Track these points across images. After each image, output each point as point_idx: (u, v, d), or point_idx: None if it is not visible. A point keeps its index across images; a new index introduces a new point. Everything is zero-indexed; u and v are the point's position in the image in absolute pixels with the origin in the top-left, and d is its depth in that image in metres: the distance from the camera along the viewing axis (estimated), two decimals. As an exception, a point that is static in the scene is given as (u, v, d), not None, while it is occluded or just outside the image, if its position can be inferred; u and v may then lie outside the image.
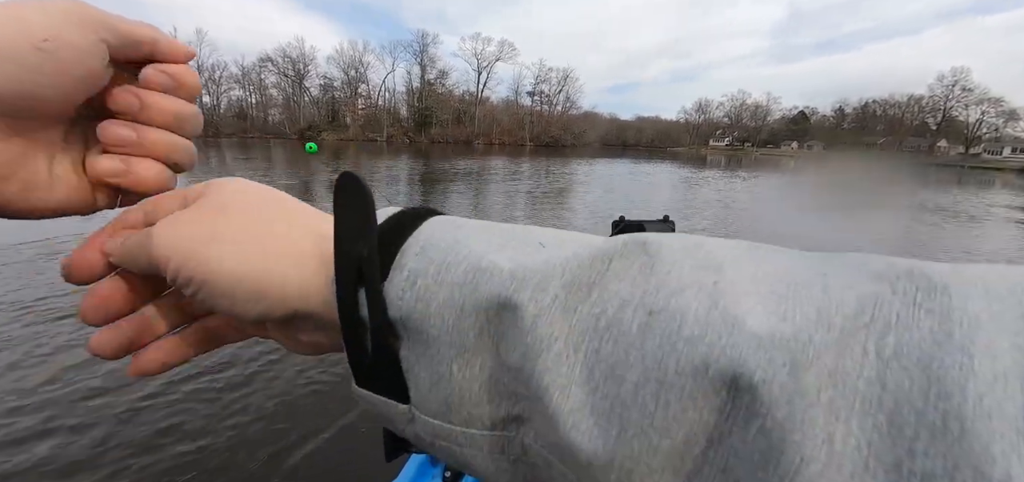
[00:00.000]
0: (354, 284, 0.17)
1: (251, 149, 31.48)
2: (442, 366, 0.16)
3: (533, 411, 0.15)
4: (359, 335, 0.17)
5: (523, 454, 0.16)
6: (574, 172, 18.69)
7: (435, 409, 0.17)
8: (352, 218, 0.17)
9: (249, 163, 18.21)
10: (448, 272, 0.16)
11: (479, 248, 0.16)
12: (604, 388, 0.13)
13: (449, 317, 0.16)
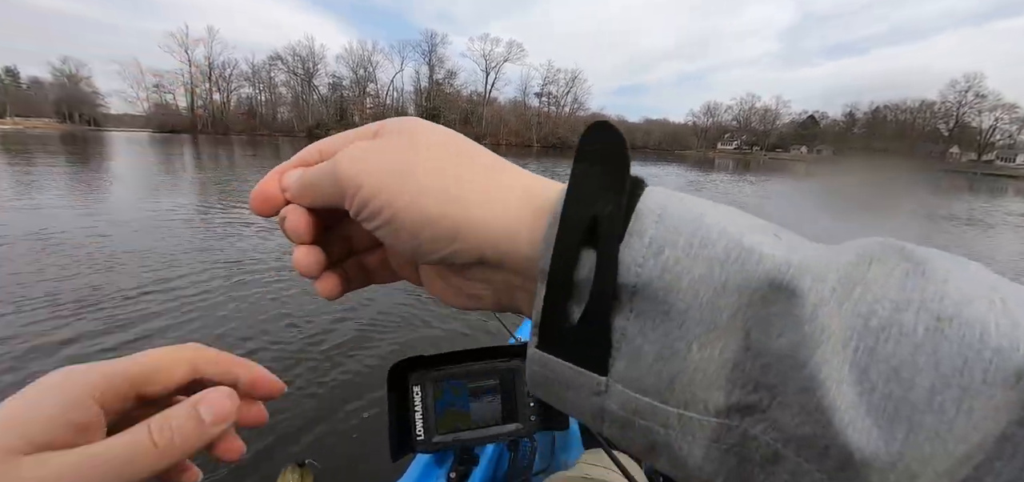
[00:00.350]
0: (577, 243, 0.16)
1: (260, 146, 31.76)
2: (680, 342, 0.15)
3: (780, 402, 0.14)
4: (564, 296, 0.17)
5: (741, 444, 0.15)
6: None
7: (648, 385, 0.16)
8: (596, 172, 0.17)
9: (257, 160, 18.36)
10: (705, 247, 0.15)
11: (730, 227, 0.16)
12: (884, 389, 0.13)
13: (704, 293, 0.15)
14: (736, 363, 0.15)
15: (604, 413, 0.17)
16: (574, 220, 0.16)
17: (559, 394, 0.18)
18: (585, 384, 0.17)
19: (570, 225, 0.16)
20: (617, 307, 0.16)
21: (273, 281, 3.95)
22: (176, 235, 5.30)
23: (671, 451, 0.16)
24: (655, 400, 0.16)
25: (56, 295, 3.35)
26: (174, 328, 3.02)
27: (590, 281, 0.16)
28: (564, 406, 0.19)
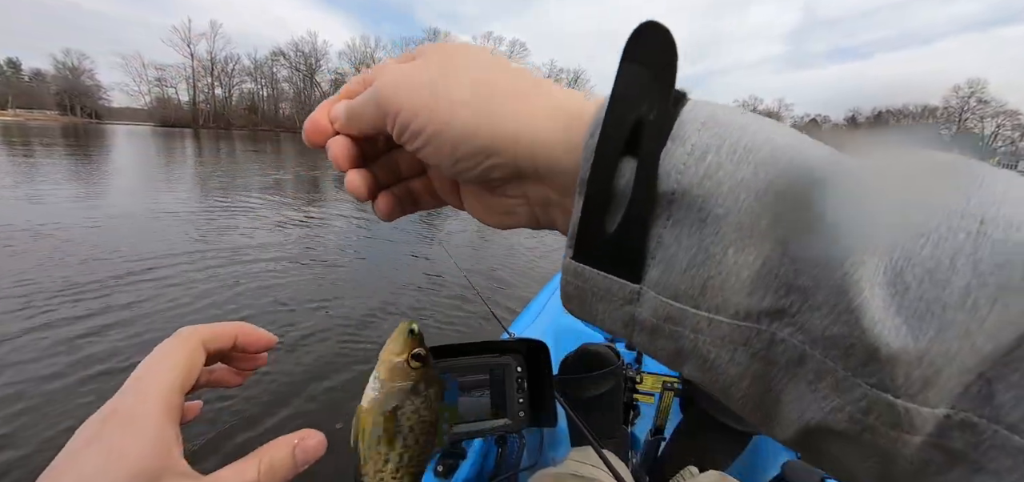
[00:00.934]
0: (618, 151, 0.16)
1: (261, 141, 31.76)
2: (716, 247, 0.15)
3: (812, 304, 0.14)
4: (602, 205, 0.17)
5: (768, 347, 0.15)
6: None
7: (681, 291, 0.16)
8: (642, 75, 0.16)
9: (259, 155, 18.36)
10: (749, 152, 0.15)
11: (776, 136, 0.16)
12: (918, 290, 0.13)
13: (744, 197, 0.15)
14: (770, 268, 0.15)
15: (635, 321, 0.18)
16: (616, 125, 0.16)
17: (591, 306, 0.19)
18: (618, 293, 0.18)
19: (612, 131, 0.16)
20: (655, 215, 0.16)
21: (262, 280, 3.96)
22: (170, 230, 5.31)
23: (698, 356, 0.17)
24: (686, 305, 0.16)
25: (39, 283, 3.36)
26: (161, 312, 3.03)
27: (629, 189, 0.16)
28: (594, 318, 0.19)
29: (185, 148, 21.07)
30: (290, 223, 6.07)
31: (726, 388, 0.17)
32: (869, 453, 0.14)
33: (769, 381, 0.16)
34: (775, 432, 0.17)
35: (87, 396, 2.19)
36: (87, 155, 14.04)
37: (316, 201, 8.09)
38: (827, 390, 0.14)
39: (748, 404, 0.17)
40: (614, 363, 1.01)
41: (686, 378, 1.00)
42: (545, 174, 0.19)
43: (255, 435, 2.04)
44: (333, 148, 0.23)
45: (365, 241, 5.42)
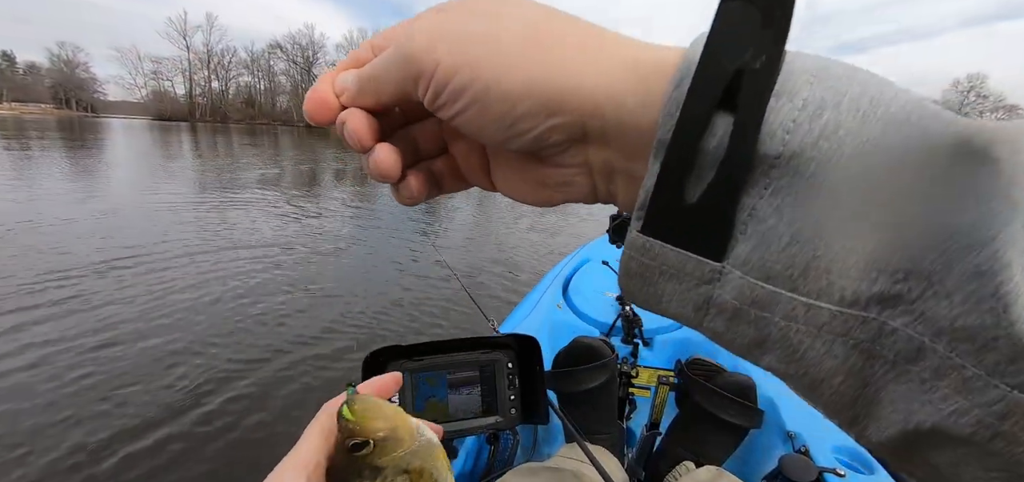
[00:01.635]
0: (711, 104, 0.14)
1: (258, 135, 31.61)
2: (829, 221, 0.13)
3: (940, 289, 0.12)
4: (684, 169, 0.14)
5: (874, 339, 0.13)
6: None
7: (777, 272, 0.14)
8: (747, 13, 0.14)
9: (256, 149, 18.28)
10: (876, 106, 0.13)
11: (898, 94, 0.13)
12: None
13: (872, 161, 0.13)
14: (894, 246, 0.13)
15: (710, 304, 0.15)
16: (712, 74, 0.14)
17: (656, 287, 0.16)
18: (693, 272, 0.15)
19: (705, 80, 0.14)
20: (751, 181, 0.14)
21: (241, 272, 3.94)
22: (165, 223, 5.28)
23: (786, 346, 0.14)
24: (781, 288, 0.14)
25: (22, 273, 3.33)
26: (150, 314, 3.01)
27: (721, 151, 0.14)
28: (658, 301, 0.17)
29: (181, 142, 20.96)
30: (280, 218, 6.05)
31: (813, 385, 0.15)
32: (994, 464, 0.12)
33: (868, 378, 0.14)
34: (867, 434, 0.14)
35: (76, 384, 2.18)
36: (84, 148, 13.95)
37: (306, 196, 8.05)
38: (949, 391, 0.12)
39: (837, 403, 0.15)
40: (607, 356, 0.99)
41: (680, 371, 0.96)
42: (613, 135, 0.17)
43: (240, 436, 2.03)
44: (351, 122, 0.20)
45: (357, 236, 5.39)
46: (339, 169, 12.61)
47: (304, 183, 9.53)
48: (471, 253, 4.89)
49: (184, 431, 1.98)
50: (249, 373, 2.40)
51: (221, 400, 2.18)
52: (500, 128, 0.17)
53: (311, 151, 18.71)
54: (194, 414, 2.08)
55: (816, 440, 0.98)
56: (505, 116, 0.17)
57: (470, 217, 6.91)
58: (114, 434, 1.92)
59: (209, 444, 1.92)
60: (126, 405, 2.10)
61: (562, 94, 0.16)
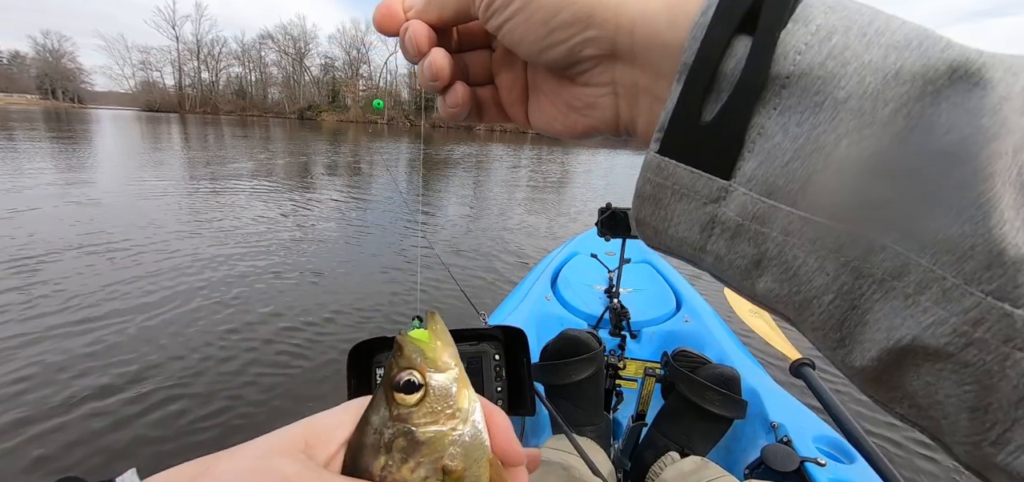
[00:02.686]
0: (730, 28, 0.15)
1: (250, 127, 31.21)
2: (829, 136, 0.14)
3: (929, 204, 0.13)
4: (702, 90, 0.15)
5: (864, 257, 0.14)
6: (576, 162, 18.57)
7: (778, 186, 0.15)
8: None
9: (248, 141, 18.06)
10: (881, 34, 0.14)
11: (904, 24, 0.14)
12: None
13: (871, 80, 0.14)
14: (886, 162, 0.13)
15: (715, 222, 0.16)
16: (734, 1, 0.15)
17: (666, 209, 0.17)
18: (701, 190, 0.16)
19: (728, 6, 0.15)
20: (762, 100, 0.15)
21: (223, 264, 3.91)
22: (154, 212, 5.21)
23: (782, 263, 0.15)
24: (781, 202, 0.15)
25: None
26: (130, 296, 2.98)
27: (738, 73, 0.15)
28: (668, 225, 0.18)
29: (171, 133, 20.65)
30: (268, 210, 5.99)
31: (804, 304, 0.15)
32: (968, 377, 0.13)
33: (857, 297, 0.14)
34: (851, 358, 0.15)
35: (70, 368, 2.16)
36: (71, 139, 13.70)
37: (297, 189, 7.98)
38: (929, 303, 0.13)
39: (826, 324, 0.15)
40: (594, 349, 1.00)
41: (666, 363, 0.97)
42: (642, 52, 0.18)
43: (226, 424, 2.02)
44: (413, 28, 0.22)
45: (347, 230, 5.36)
46: (331, 162, 12.52)
47: (295, 176, 9.45)
48: (462, 246, 4.88)
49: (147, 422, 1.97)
50: (226, 368, 2.40)
51: (190, 403, 2.17)
52: (540, 36, 0.19)
53: (303, 143, 18.54)
54: (153, 409, 2.07)
55: (798, 431, 1.00)
56: (545, 23, 0.18)
57: (461, 212, 6.90)
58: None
59: (172, 439, 1.91)
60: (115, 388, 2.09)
61: (597, 8, 0.18)
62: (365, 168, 11.85)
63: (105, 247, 4.00)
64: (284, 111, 62.39)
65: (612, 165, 19.18)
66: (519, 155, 20.09)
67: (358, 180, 9.13)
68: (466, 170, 12.90)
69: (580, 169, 15.80)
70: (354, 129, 40.53)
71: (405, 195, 7.93)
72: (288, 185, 8.12)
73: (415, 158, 15.55)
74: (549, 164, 16.33)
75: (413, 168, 12.76)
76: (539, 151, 23.95)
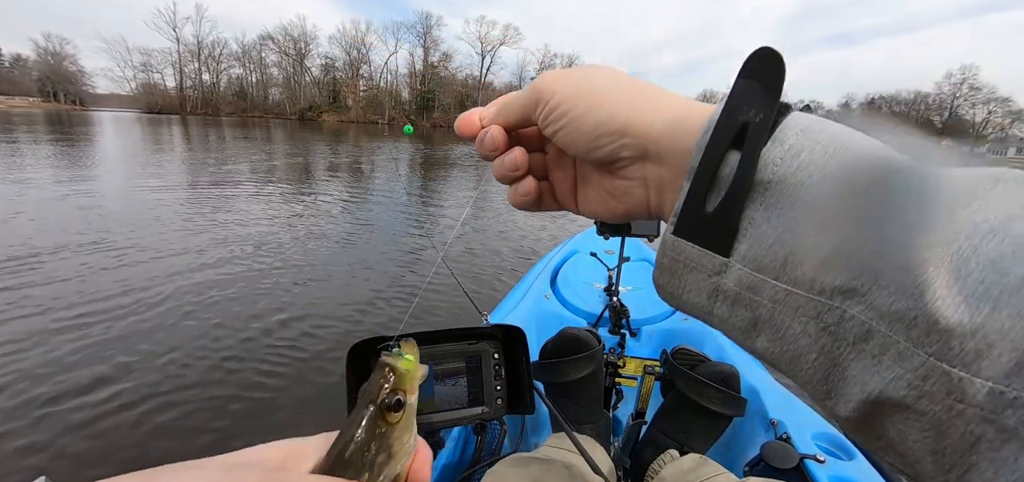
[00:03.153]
0: (726, 144, 0.19)
1: (251, 128, 31.24)
2: (800, 227, 0.18)
3: (881, 283, 0.16)
4: (705, 188, 0.20)
5: (838, 323, 0.17)
6: (575, 160, 18.51)
7: (765, 263, 0.19)
8: (753, 87, 0.20)
9: (249, 143, 18.08)
10: (838, 151, 0.18)
11: (867, 141, 0.18)
12: (979, 275, 0.14)
13: (829, 187, 0.17)
14: (846, 249, 0.17)
15: (719, 291, 0.20)
16: (727, 124, 0.19)
17: (681, 277, 0.22)
18: (707, 265, 0.20)
19: (723, 127, 0.19)
20: (751, 198, 0.19)
21: (226, 264, 3.92)
22: (157, 215, 5.22)
23: (773, 325, 0.19)
24: (768, 277, 0.19)
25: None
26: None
27: (731, 176, 0.19)
28: (682, 288, 0.22)
29: (172, 135, 20.68)
30: (274, 212, 6.00)
31: (795, 359, 0.19)
32: (925, 424, 0.15)
33: (836, 356, 0.17)
34: (837, 408, 0.18)
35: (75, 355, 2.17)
36: (72, 141, 13.73)
37: (303, 191, 7.99)
38: (890, 362, 0.16)
39: (815, 377, 0.18)
40: (594, 347, 1.00)
41: (665, 361, 0.97)
42: (665, 156, 0.23)
43: (237, 428, 2.03)
44: (491, 132, 0.28)
45: (351, 230, 5.37)
46: (332, 162, 12.53)
47: (296, 177, 9.46)
48: (465, 246, 4.89)
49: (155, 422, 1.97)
50: (226, 369, 2.41)
51: (190, 403, 2.18)
52: (588, 141, 0.24)
53: (304, 143, 18.54)
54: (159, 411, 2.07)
55: (797, 428, 1.00)
56: (593, 131, 0.24)
57: (463, 212, 6.89)
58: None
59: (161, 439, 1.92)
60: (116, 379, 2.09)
61: (632, 123, 0.23)
62: (366, 168, 11.86)
63: (97, 247, 4.01)
64: (285, 112, 62.46)
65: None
66: (520, 154, 20.02)
67: (359, 183, 9.13)
68: (465, 170, 12.90)
69: (581, 168, 15.73)
70: (355, 129, 40.56)
71: (406, 195, 7.93)
72: (289, 186, 8.13)
73: (415, 158, 15.54)
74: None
75: (413, 168, 12.77)
76: (540, 150, 23.87)
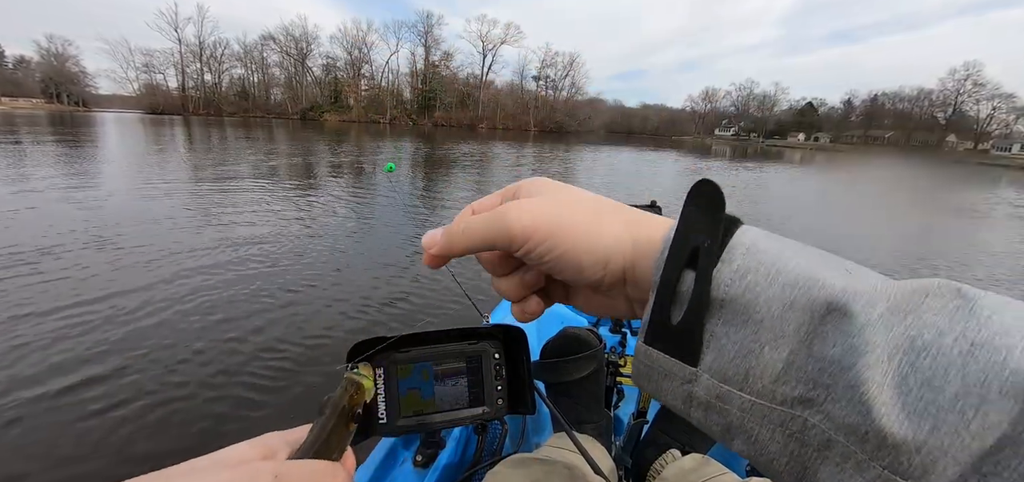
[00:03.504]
0: (681, 265, 0.21)
1: (253, 128, 31.31)
2: (755, 344, 0.19)
3: (834, 397, 0.17)
4: (668, 303, 0.21)
5: (802, 431, 0.18)
6: (579, 159, 18.52)
7: (730, 376, 0.20)
8: (700, 215, 0.22)
9: (251, 144, 18.13)
10: (780, 274, 0.19)
11: (803, 262, 0.20)
12: (918, 392, 0.16)
13: (775, 308, 0.19)
14: (799, 364, 0.18)
15: (692, 398, 0.22)
16: (680, 248, 0.21)
17: (657, 382, 0.23)
18: (679, 373, 0.22)
19: (677, 251, 0.21)
20: (709, 314, 0.21)
21: (231, 273, 3.92)
22: (159, 213, 5.24)
23: (744, 432, 0.20)
24: (734, 388, 0.20)
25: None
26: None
27: (689, 293, 0.21)
28: (660, 393, 0.23)
29: (175, 135, 20.74)
30: (271, 211, 6.01)
31: (769, 462, 0.20)
32: None
33: (805, 460, 0.19)
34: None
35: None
36: (76, 142, 13.77)
37: (300, 189, 7.99)
38: (851, 469, 0.17)
39: (790, 479, 0.19)
40: (595, 346, 1.00)
41: None
42: (640, 279, 0.25)
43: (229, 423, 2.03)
44: (484, 255, 0.29)
45: (352, 229, 5.37)
46: (334, 162, 12.54)
47: (298, 176, 9.47)
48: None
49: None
50: (221, 365, 2.41)
51: (177, 400, 2.18)
52: (573, 272, 0.25)
53: (306, 142, 18.56)
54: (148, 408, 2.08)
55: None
56: (575, 268, 0.25)
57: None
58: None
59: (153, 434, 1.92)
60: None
61: (612, 254, 0.24)
62: (367, 167, 11.87)
63: (101, 245, 4.02)
64: (287, 112, 62.56)
65: (613, 163, 19.11)
66: (521, 153, 20.05)
67: (361, 182, 9.13)
68: (466, 169, 12.89)
69: (581, 166, 15.75)
70: (356, 129, 40.58)
71: (408, 194, 7.93)
72: (290, 186, 8.14)
73: (417, 157, 15.53)
74: (551, 162, 16.30)
75: (416, 167, 12.77)
76: (540, 149, 23.88)
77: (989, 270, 5.46)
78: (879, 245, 6.32)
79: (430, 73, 69.42)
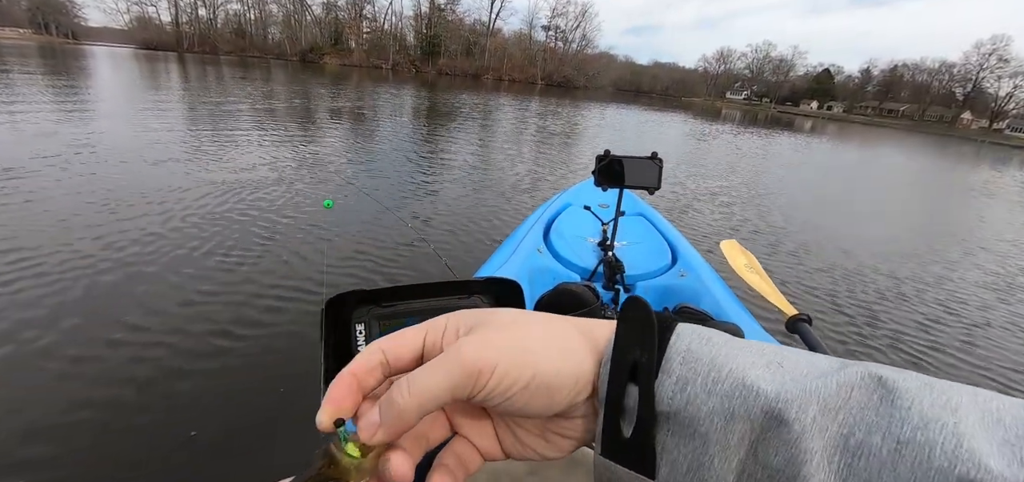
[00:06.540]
0: (624, 381, 0.22)
1: (250, 69, 30.27)
2: (704, 456, 0.20)
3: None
4: (617, 417, 0.22)
5: None
6: (586, 117, 18.03)
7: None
8: (633, 331, 0.22)
9: (248, 83, 17.58)
10: (717, 384, 0.20)
11: (736, 364, 0.21)
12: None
13: (718, 420, 0.20)
14: (749, 472, 0.19)
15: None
16: (620, 365, 0.22)
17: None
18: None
19: (618, 367, 0.22)
20: (658, 426, 0.21)
21: (203, 221, 3.88)
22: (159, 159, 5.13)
23: None
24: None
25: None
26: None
27: (635, 407, 0.21)
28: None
29: (170, 73, 20.05)
30: (262, 159, 5.89)
31: None
32: None
33: None
34: None
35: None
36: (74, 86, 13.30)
37: (301, 135, 7.81)
38: None
39: None
40: (592, 302, 0.99)
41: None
42: (584, 400, 0.24)
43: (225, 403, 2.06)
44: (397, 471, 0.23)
45: (338, 189, 5.29)
46: (333, 108, 12.21)
47: (290, 119, 9.24)
48: (453, 212, 4.82)
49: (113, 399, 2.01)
50: (198, 341, 2.39)
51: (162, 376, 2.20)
52: (545, 404, 0.23)
53: (301, 84, 18.02)
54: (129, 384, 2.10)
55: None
56: (547, 397, 0.23)
57: (456, 184, 6.76)
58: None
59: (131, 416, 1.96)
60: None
61: (578, 382, 0.23)
62: (369, 114, 11.58)
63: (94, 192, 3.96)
64: (285, 52, 60.35)
65: (623, 121, 18.63)
66: (526, 109, 19.51)
67: (353, 139, 8.89)
68: (475, 122, 12.58)
69: (590, 124, 15.37)
70: (358, 74, 39.23)
71: (410, 144, 7.75)
72: (290, 131, 7.95)
73: (419, 106, 15.09)
74: (555, 119, 15.88)
75: (418, 116, 12.44)
76: (545, 103, 23.24)
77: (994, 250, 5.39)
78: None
79: (435, 17, 66.42)
